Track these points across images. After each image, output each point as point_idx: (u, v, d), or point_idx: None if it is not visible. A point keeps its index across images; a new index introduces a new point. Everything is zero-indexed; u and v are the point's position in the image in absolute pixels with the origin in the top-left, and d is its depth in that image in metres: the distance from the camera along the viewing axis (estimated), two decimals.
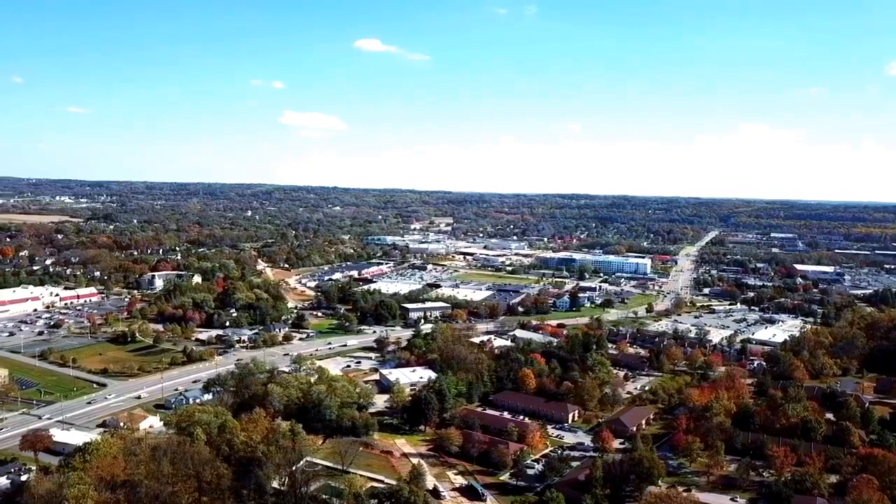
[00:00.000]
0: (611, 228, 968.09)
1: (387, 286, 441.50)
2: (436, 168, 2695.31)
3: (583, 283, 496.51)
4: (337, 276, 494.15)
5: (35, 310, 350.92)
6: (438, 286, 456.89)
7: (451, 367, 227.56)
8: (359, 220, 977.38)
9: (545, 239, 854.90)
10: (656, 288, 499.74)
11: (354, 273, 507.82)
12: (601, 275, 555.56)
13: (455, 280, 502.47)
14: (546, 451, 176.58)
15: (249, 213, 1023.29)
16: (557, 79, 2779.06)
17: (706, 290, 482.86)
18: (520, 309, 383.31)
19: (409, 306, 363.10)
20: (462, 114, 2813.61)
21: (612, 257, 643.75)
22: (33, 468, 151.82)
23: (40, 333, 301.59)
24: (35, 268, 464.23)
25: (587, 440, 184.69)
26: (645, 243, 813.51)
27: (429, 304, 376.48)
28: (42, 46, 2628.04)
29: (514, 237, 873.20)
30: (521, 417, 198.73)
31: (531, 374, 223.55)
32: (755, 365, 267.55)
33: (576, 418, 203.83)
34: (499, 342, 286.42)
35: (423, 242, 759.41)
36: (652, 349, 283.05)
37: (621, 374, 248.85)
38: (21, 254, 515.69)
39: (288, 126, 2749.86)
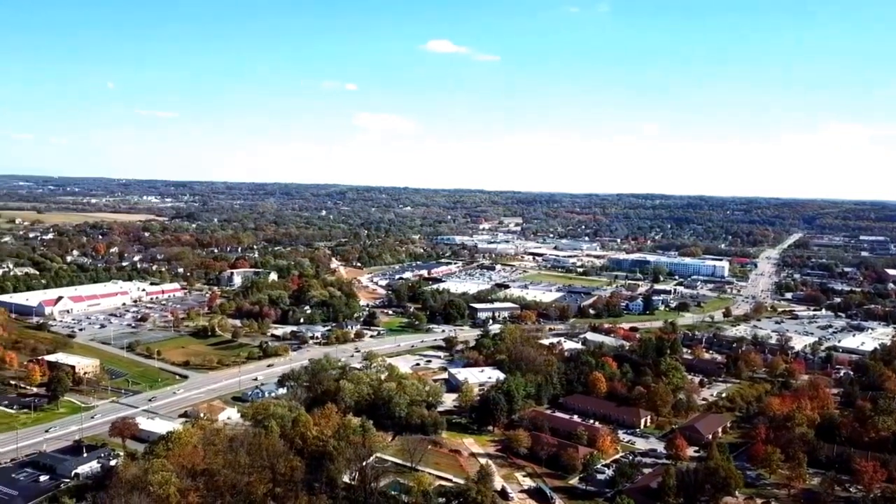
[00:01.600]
0: (687, 230, 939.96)
1: (455, 286, 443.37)
2: (505, 168, 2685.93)
3: (657, 286, 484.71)
4: (407, 275, 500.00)
5: (124, 304, 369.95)
6: (507, 287, 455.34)
7: (520, 369, 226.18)
8: (428, 220, 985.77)
9: (618, 240, 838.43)
10: (734, 292, 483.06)
11: (424, 272, 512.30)
12: (676, 277, 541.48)
13: (524, 281, 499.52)
14: (617, 456, 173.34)
15: (324, 212, 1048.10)
16: (631, 77, 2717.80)
17: (788, 295, 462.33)
18: (591, 311, 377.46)
19: (477, 306, 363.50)
20: (532, 114, 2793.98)
21: (687, 259, 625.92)
22: (121, 454, 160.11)
23: (129, 326, 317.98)
24: (124, 264, 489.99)
25: (660, 447, 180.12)
26: (723, 245, 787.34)
27: (497, 305, 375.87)
28: (132, 53, 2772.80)
29: (586, 238, 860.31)
30: (591, 421, 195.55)
31: (602, 377, 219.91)
32: (841, 374, 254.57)
33: (648, 424, 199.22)
34: (569, 344, 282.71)
35: (491, 242, 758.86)
36: (729, 355, 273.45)
37: (696, 379, 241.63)
38: (112, 251, 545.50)
39: (360, 127, 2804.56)
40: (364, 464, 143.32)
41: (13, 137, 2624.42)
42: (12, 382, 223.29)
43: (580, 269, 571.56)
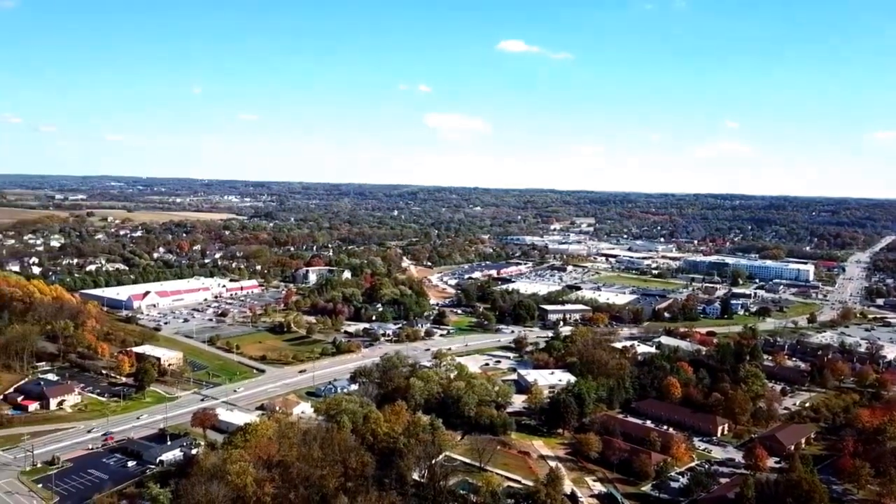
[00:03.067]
0: (768, 231, 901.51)
1: (525, 286, 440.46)
2: (578, 168, 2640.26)
3: (736, 289, 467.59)
4: (476, 274, 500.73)
5: (205, 299, 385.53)
6: (578, 288, 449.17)
7: (591, 372, 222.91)
8: (498, 220, 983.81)
9: (695, 241, 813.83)
10: (820, 296, 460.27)
11: (493, 272, 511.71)
12: (756, 281, 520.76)
13: (596, 282, 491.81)
14: (691, 464, 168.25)
15: (396, 212, 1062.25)
16: (710, 75, 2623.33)
17: (880, 301, 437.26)
18: (666, 315, 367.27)
19: (547, 307, 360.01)
20: (607, 113, 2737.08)
21: (769, 262, 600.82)
22: (202, 443, 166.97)
23: (210, 320, 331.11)
24: (206, 261, 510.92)
25: (738, 456, 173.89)
26: (807, 248, 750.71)
27: (568, 307, 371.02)
28: (217, 59, 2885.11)
29: (661, 239, 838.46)
30: (665, 427, 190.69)
31: (677, 382, 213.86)
32: None
33: (725, 432, 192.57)
34: (642, 348, 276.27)
35: (562, 243, 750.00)
36: (814, 363, 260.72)
37: (777, 387, 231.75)
38: (195, 248, 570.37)
39: (432, 128, 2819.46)
40: (433, 462, 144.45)
41: (107, 139, 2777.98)
42: (104, 372, 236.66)
43: (655, 271, 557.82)
